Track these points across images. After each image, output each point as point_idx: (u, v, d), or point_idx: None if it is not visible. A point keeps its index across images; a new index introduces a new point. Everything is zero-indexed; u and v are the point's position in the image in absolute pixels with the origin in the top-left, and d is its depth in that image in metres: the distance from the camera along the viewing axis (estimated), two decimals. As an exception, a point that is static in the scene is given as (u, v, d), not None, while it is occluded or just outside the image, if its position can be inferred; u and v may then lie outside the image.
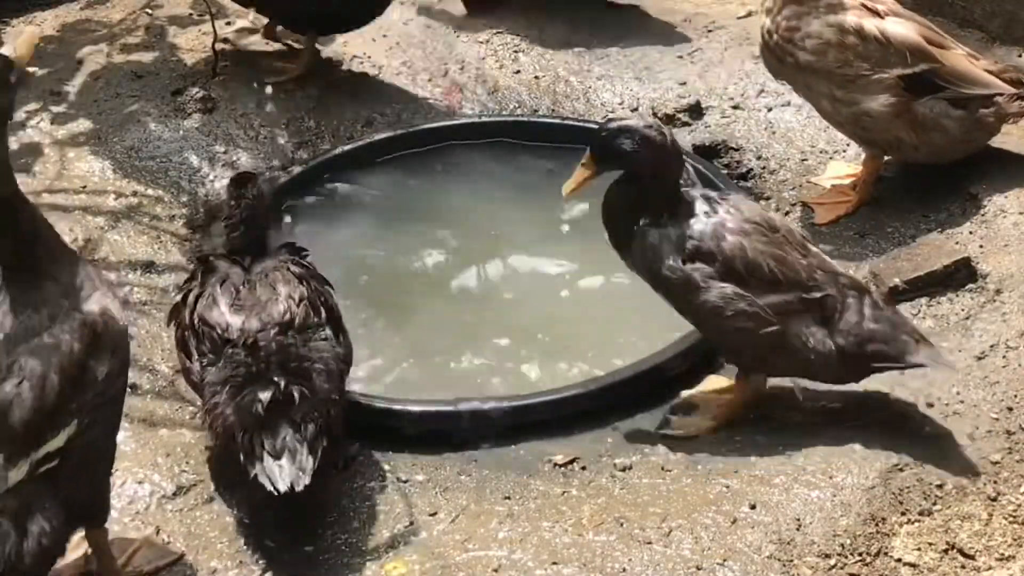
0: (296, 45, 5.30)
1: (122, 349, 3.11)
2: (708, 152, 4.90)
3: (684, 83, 5.13)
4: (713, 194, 3.66)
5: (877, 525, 3.33)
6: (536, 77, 5.30)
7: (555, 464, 3.67)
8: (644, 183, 3.59)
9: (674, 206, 3.58)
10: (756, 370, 3.68)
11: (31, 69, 3.29)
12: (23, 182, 4.60)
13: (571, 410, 3.82)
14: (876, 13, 4.27)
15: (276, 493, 3.24)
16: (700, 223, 3.55)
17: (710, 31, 5.37)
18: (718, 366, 3.96)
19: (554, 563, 3.27)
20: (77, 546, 3.31)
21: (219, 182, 4.75)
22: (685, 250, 3.52)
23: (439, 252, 4.62)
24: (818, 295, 3.51)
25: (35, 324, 3.00)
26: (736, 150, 4.89)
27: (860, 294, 3.57)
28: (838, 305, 3.52)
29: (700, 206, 3.58)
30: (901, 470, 3.47)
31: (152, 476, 3.64)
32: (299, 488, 3.23)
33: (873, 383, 3.80)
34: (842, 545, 3.28)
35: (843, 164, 4.67)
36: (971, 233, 4.28)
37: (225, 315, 3.51)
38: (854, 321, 3.52)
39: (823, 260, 3.62)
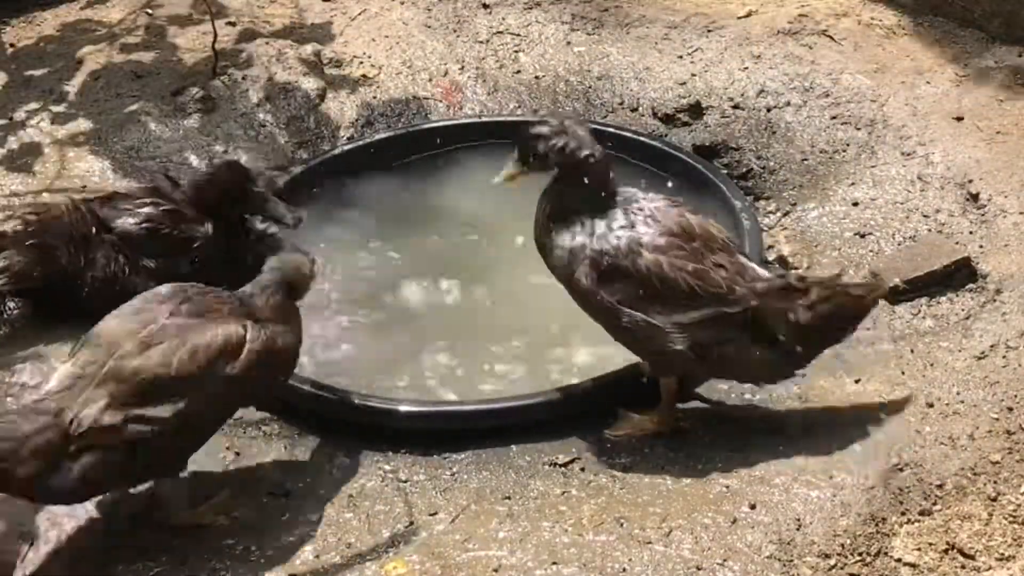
0: None
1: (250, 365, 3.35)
2: (708, 152, 4.90)
3: (684, 83, 5.13)
4: (632, 197, 3.56)
5: (877, 525, 3.33)
6: (536, 77, 5.30)
7: (555, 464, 3.67)
8: (568, 185, 3.55)
9: (594, 212, 3.52)
10: (686, 375, 3.68)
11: None
12: (23, 181, 4.68)
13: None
14: None
15: None
16: (615, 236, 3.48)
17: (710, 31, 5.37)
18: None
19: (554, 563, 3.27)
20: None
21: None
22: (601, 267, 3.48)
23: (438, 251, 4.62)
24: (738, 310, 3.46)
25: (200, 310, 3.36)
26: (736, 150, 4.89)
27: (788, 295, 3.49)
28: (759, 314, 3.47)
29: (617, 216, 3.51)
30: (901, 470, 3.47)
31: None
32: None
33: (873, 383, 3.80)
34: (842, 545, 3.28)
35: None
36: (971, 233, 4.28)
37: None
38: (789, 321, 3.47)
39: (744, 267, 3.53)
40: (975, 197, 4.40)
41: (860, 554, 3.27)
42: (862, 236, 4.42)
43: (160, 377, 3.22)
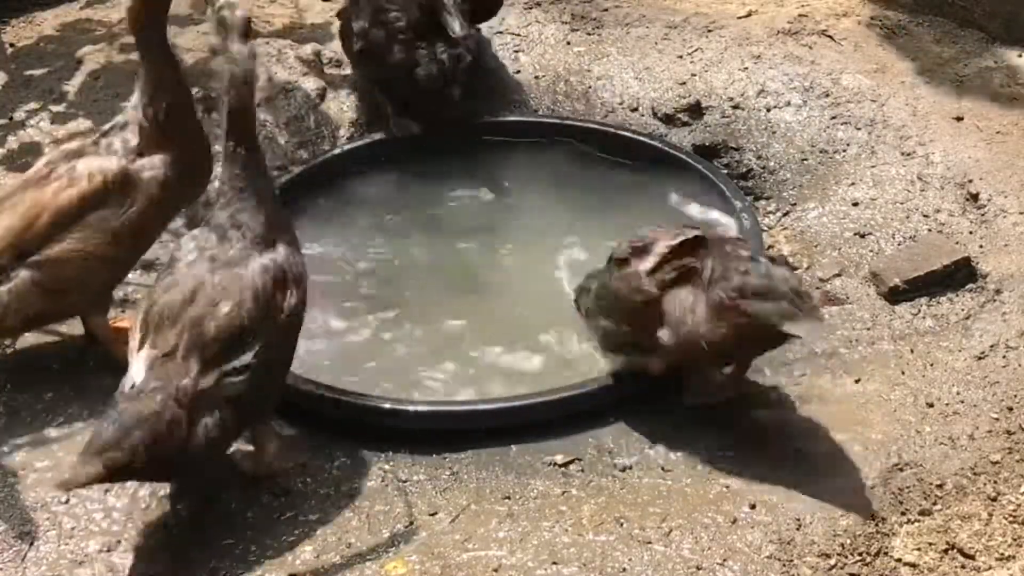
0: None
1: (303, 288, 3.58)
2: (708, 152, 4.90)
3: (684, 83, 5.13)
4: None
5: (877, 525, 3.34)
6: (536, 77, 5.30)
7: (555, 464, 3.67)
8: None
9: None
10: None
11: None
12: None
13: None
14: None
15: None
16: None
17: (710, 31, 5.37)
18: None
19: (554, 563, 3.28)
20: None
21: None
22: None
23: (441, 251, 4.62)
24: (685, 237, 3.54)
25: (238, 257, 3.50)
26: (736, 150, 4.89)
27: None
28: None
29: None
30: (901, 470, 3.47)
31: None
32: None
33: (873, 383, 3.80)
34: (842, 545, 3.28)
35: None
36: (971, 233, 4.28)
37: None
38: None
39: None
40: (975, 197, 4.40)
41: (860, 554, 3.27)
42: (862, 236, 4.42)
43: (236, 330, 3.39)
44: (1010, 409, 3.63)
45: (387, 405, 3.82)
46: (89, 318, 3.97)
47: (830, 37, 5.28)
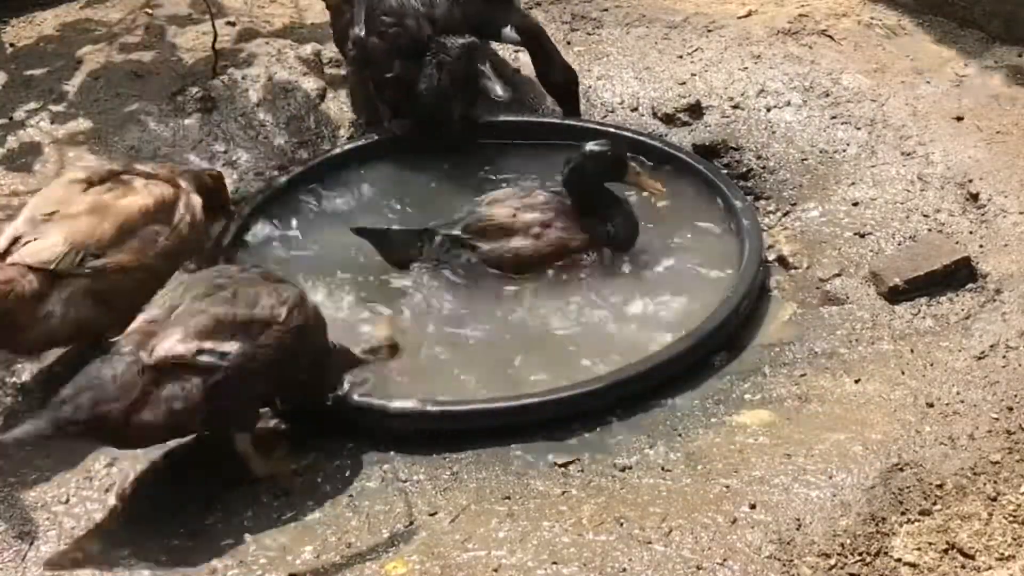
0: None
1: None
2: (708, 152, 4.90)
3: (684, 83, 5.13)
4: None
5: (877, 525, 3.33)
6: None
7: (555, 464, 3.67)
8: None
9: None
10: None
11: None
12: (23, 181, 4.68)
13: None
14: None
15: None
16: None
17: (710, 31, 5.37)
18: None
19: (554, 563, 3.27)
20: None
21: (219, 182, 4.75)
22: None
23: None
24: None
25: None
26: (736, 150, 4.89)
27: None
28: None
29: None
30: (901, 470, 3.47)
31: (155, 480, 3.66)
32: None
33: (873, 383, 3.80)
34: (842, 545, 3.28)
35: None
36: (971, 233, 4.28)
37: None
38: None
39: None
40: (975, 197, 4.40)
41: (860, 554, 3.27)
42: (862, 236, 4.42)
43: (229, 316, 3.48)
44: (1010, 409, 3.63)
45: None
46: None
47: (830, 37, 5.28)
